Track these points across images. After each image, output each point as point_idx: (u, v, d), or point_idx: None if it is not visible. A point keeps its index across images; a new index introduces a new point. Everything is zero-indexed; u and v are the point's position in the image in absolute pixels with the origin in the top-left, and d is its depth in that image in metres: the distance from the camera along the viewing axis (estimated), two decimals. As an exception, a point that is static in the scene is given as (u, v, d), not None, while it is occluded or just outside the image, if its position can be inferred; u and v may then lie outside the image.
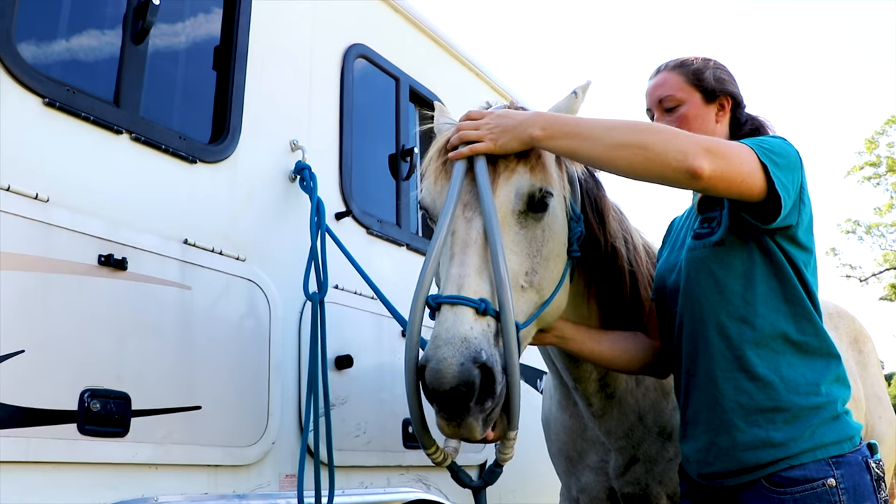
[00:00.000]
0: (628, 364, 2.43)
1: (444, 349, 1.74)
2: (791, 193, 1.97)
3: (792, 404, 1.99)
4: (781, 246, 2.07)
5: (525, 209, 2.05)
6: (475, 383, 1.72)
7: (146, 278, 2.40)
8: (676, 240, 2.42)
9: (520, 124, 2.01)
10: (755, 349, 2.04)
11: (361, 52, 3.60)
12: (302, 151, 3.08)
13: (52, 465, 2.09)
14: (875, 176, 31.61)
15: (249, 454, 2.61)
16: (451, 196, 1.99)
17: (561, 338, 2.36)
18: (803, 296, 2.08)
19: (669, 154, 1.85)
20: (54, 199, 2.21)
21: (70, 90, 2.32)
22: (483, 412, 1.78)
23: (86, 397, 2.17)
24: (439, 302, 1.85)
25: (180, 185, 2.63)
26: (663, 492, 2.68)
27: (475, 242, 1.93)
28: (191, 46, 2.87)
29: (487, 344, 1.78)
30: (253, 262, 2.79)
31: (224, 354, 2.60)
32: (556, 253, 2.14)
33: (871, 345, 4.42)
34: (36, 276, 2.13)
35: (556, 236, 2.14)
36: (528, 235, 2.05)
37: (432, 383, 1.73)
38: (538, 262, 2.06)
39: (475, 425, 1.77)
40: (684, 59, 2.39)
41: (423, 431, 1.97)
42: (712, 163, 1.84)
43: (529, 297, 2.04)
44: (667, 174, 1.88)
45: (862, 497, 1.94)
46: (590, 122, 2.01)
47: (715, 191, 1.92)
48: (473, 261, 1.91)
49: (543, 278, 2.08)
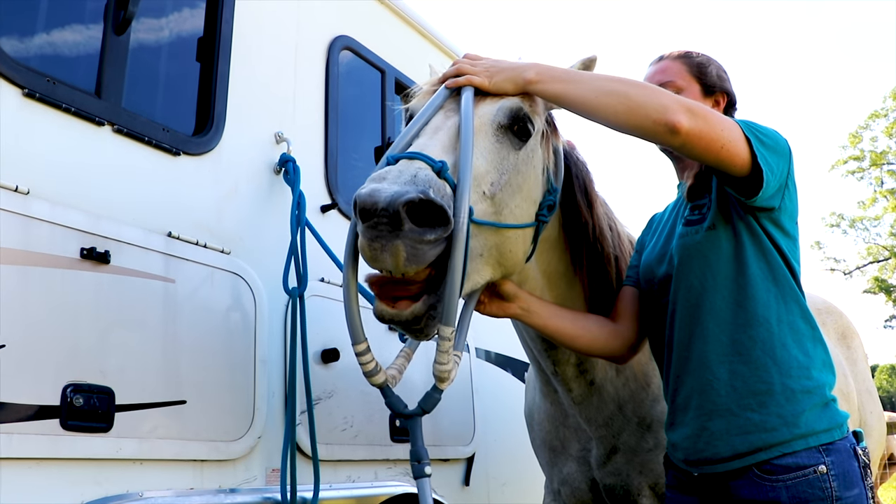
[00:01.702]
0: (589, 344, 2.41)
1: (389, 180, 1.66)
2: (775, 172, 2.00)
3: (784, 388, 2.01)
4: (766, 229, 2.10)
5: (506, 124, 2.06)
6: (415, 202, 1.62)
7: (129, 271, 2.38)
8: (662, 231, 2.43)
9: (516, 67, 2.11)
10: (748, 332, 2.06)
11: (347, 44, 3.58)
12: (287, 143, 3.06)
13: (35, 461, 2.06)
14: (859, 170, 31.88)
15: (236, 449, 2.58)
16: (433, 101, 2.05)
17: (526, 310, 2.34)
18: (789, 277, 2.11)
19: (650, 106, 1.91)
20: (35, 191, 2.18)
21: (50, 81, 2.29)
22: (419, 243, 1.66)
23: (69, 392, 2.14)
24: (398, 158, 1.80)
25: (164, 178, 2.60)
26: (645, 482, 2.68)
27: (449, 128, 1.96)
28: (174, 37, 2.84)
29: (440, 189, 1.72)
30: (238, 255, 2.77)
31: (209, 348, 2.58)
32: (525, 194, 2.11)
33: (859, 340, 4.47)
34: (17, 270, 2.10)
35: (528, 178, 2.12)
36: (503, 153, 2.04)
37: (365, 202, 1.60)
38: (504, 181, 2.02)
39: (401, 250, 1.64)
40: (689, 51, 2.44)
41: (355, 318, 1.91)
42: (691, 120, 1.88)
43: (487, 207, 1.96)
44: (646, 126, 1.92)
45: (851, 483, 1.96)
46: (581, 72, 2.10)
47: (693, 150, 1.94)
48: (441, 139, 1.92)
49: (505, 202, 2.02)
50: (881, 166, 31.45)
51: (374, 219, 1.62)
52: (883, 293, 32.07)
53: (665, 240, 2.37)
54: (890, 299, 32.11)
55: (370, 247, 1.66)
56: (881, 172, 31.60)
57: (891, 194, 31.27)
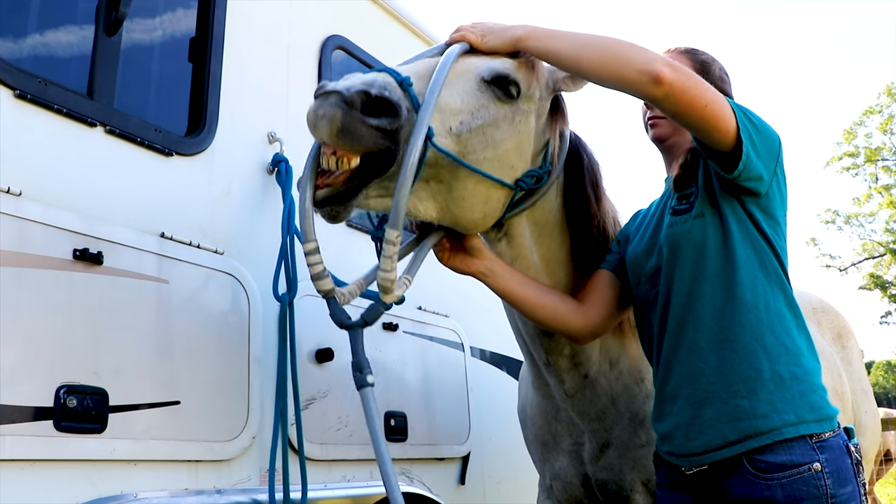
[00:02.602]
0: (548, 317, 2.41)
1: (349, 79, 1.83)
2: (761, 154, 2.03)
3: (773, 374, 2.01)
4: (752, 214, 2.11)
5: (489, 80, 2.11)
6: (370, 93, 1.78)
7: (123, 272, 2.37)
8: (649, 224, 2.42)
9: (506, 27, 2.19)
10: (738, 317, 2.06)
11: (339, 43, 3.57)
12: (280, 143, 3.05)
13: (29, 463, 2.06)
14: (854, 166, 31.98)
15: (230, 449, 2.58)
16: (421, 53, 2.21)
17: (490, 270, 2.35)
18: (776, 264, 2.12)
19: (634, 57, 1.96)
20: (27, 192, 2.18)
21: (42, 82, 2.29)
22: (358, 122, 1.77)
23: (62, 393, 2.13)
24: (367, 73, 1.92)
25: (156, 178, 2.60)
26: (638, 478, 2.68)
27: (426, 64, 2.07)
28: (166, 38, 2.84)
29: (397, 92, 1.87)
30: (231, 256, 2.77)
31: (203, 349, 2.58)
32: (500, 150, 2.14)
33: (854, 339, 4.49)
34: (9, 271, 2.09)
35: (506, 137, 2.15)
36: (481, 101, 2.09)
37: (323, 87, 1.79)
38: (475, 125, 2.07)
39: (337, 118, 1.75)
40: (695, 48, 2.45)
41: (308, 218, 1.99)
42: (674, 73, 1.92)
43: (450, 143, 2.01)
44: (630, 76, 1.95)
45: (845, 480, 1.96)
46: (571, 31, 2.14)
47: (676, 104, 1.96)
48: (417, 68, 2.04)
49: (472, 146, 2.06)
50: (876, 162, 31.55)
51: (324, 92, 1.77)
52: (878, 289, 32.18)
53: (653, 231, 2.36)
54: (885, 295, 32.22)
55: (314, 114, 1.78)
56: (876, 169, 31.72)
57: (885, 190, 31.37)
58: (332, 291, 2.10)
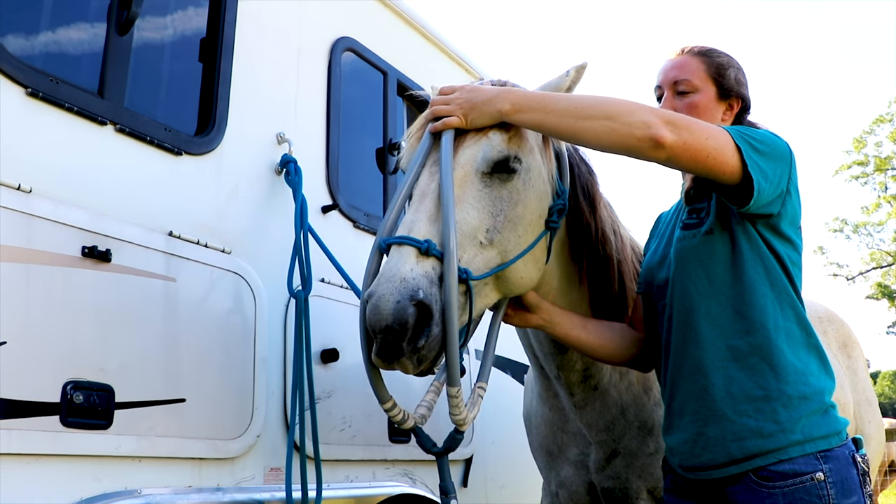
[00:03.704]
0: (612, 354, 2.43)
1: (384, 286, 1.83)
2: (771, 179, 1.99)
3: (781, 394, 2.00)
4: (763, 235, 2.08)
5: (490, 171, 2.10)
6: (409, 322, 1.80)
7: (130, 270, 2.39)
8: (664, 234, 2.42)
9: (489, 100, 2.08)
10: (745, 338, 2.05)
11: (349, 45, 3.59)
12: (288, 144, 3.07)
13: (35, 458, 2.08)
14: (863, 175, 31.81)
15: (234, 447, 2.60)
16: (418, 154, 2.12)
17: (548, 321, 2.36)
18: (786, 283, 2.10)
19: (633, 124, 1.91)
20: (37, 189, 2.20)
21: (53, 80, 2.31)
22: (416, 351, 1.85)
23: (69, 389, 2.15)
24: (389, 243, 1.95)
25: (165, 177, 2.61)
26: (644, 486, 2.68)
27: (433, 192, 2.02)
28: (176, 38, 2.85)
29: (427, 283, 1.86)
30: (238, 255, 2.78)
31: (209, 347, 2.59)
32: (528, 220, 2.16)
33: (859, 349, 4.47)
34: (18, 267, 2.11)
35: (528, 203, 2.16)
36: (493, 195, 2.09)
37: (370, 319, 1.82)
38: (500, 222, 2.08)
39: (407, 363, 1.86)
40: (710, 49, 2.36)
41: (378, 382, 2.06)
42: (674, 133, 1.89)
43: (489, 254, 2.05)
44: (630, 144, 1.92)
45: (849, 491, 1.95)
46: (557, 96, 2.07)
47: (679, 162, 1.94)
48: (428, 208, 1.99)
49: (507, 239, 2.09)
50: (885, 171, 31.39)
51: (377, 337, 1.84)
52: (886, 299, 32.00)
53: (666, 243, 2.36)
54: (893, 305, 32.04)
55: (383, 361, 1.88)
56: (885, 178, 31.55)
57: (895, 199, 31.21)
58: (414, 426, 2.16)
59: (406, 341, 1.81)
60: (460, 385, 1.98)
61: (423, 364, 1.89)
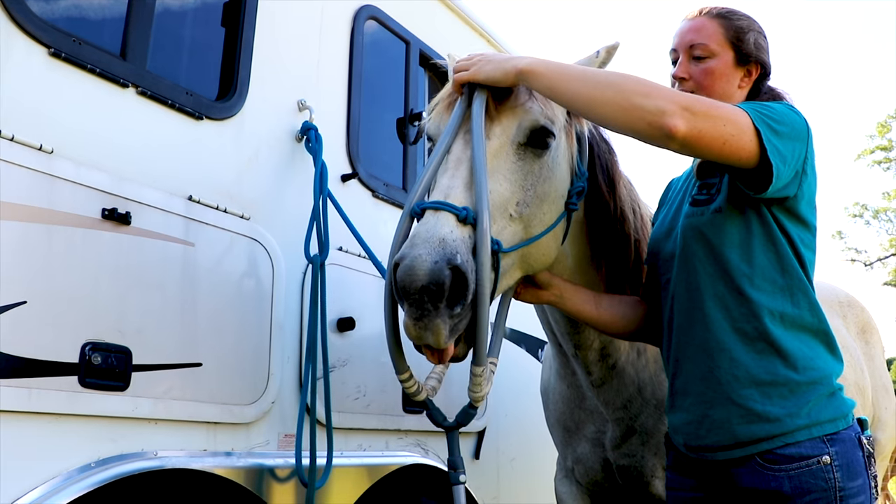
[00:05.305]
0: (624, 329, 2.42)
1: (420, 247, 1.76)
2: (788, 162, 1.91)
3: (788, 379, 1.97)
4: (777, 218, 2.02)
5: (525, 142, 2.08)
6: (445, 283, 1.73)
7: (150, 233, 2.39)
8: (673, 203, 2.35)
9: (508, 59, 2.06)
10: (753, 321, 2.01)
11: (372, 13, 3.56)
12: (309, 112, 3.05)
13: (53, 416, 2.10)
14: (886, 160, 31.40)
15: (249, 413, 2.61)
16: (452, 121, 2.07)
17: (559, 297, 2.35)
18: (798, 268, 2.04)
19: (646, 107, 1.82)
20: (59, 150, 2.20)
21: (76, 41, 2.30)
22: (451, 318, 1.78)
23: (87, 350, 2.17)
24: (424, 207, 1.89)
25: (186, 142, 2.61)
26: (659, 464, 2.68)
27: (468, 160, 1.97)
28: (199, 2, 2.83)
29: (465, 250, 1.80)
30: (257, 221, 2.78)
31: (226, 312, 2.60)
32: (552, 197, 2.15)
33: (878, 335, 4.47)
34: (39, 228, 2.12)
35: (555, 180, 2.15)
36: (525, 168, 2.07)
37: (403, 280, 1.74)
38: (531, 197, 2.07)
39: (442, 328, 1.77)
40: (730, 11, 2.25)
41: (397, 352, 2.03)
42: (689, 122, 1.79)
43: (516, 228, 2.04)
44: (640, 128, 1.85)
45: (855, 473, 1.94)
46: (577, 66, 2.03)
47: (693, 152, 1.90)
48: (464, 174, 1.95)
49: (533, 215, 2.08)
50: (909, 157, 30.96)
51: (410, 298, 1.75)
52: (903, 285, 31.73)
53: (674, 214, 2.29)
54: (910, 292, 31.76)
55: (414, 326, 1.78)
56: (909, 163, 31.13)
57: (917, 186, 30.81)
58: (426, 398, 2.17)
59: (444, 302, 1.74)
60: (486, 364, 1.97)
61: (453, 335, 1.82)
